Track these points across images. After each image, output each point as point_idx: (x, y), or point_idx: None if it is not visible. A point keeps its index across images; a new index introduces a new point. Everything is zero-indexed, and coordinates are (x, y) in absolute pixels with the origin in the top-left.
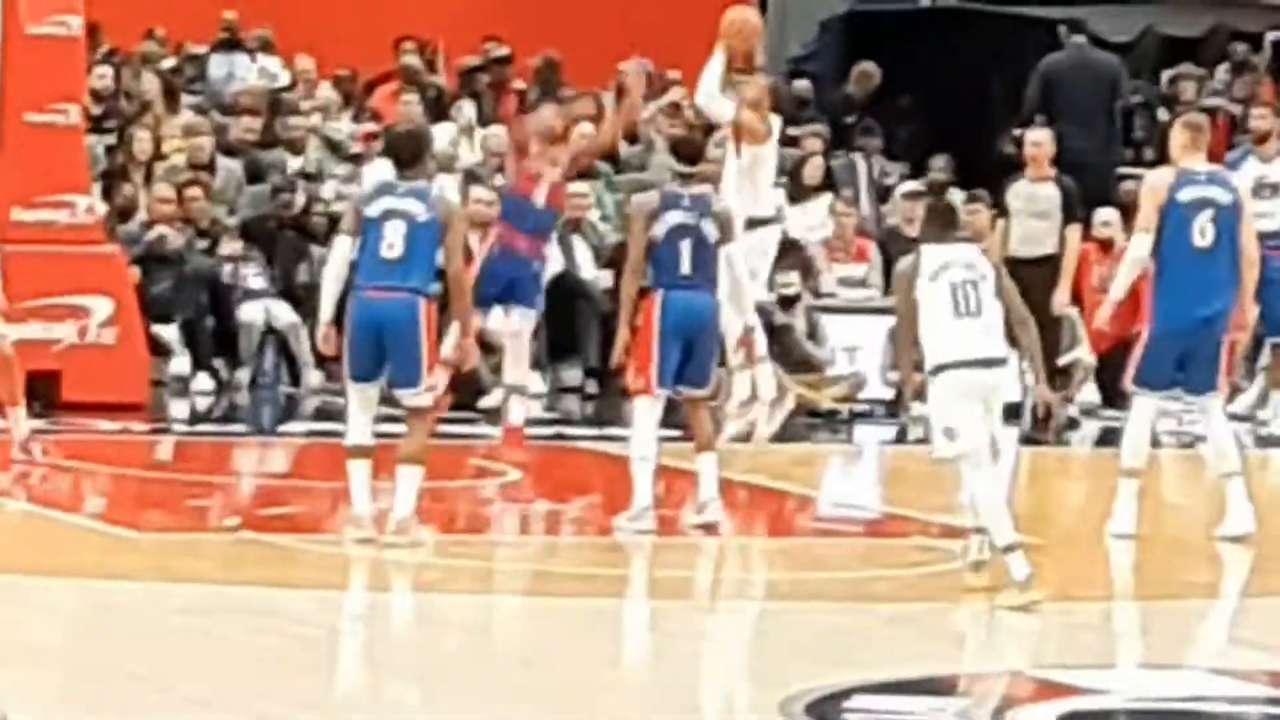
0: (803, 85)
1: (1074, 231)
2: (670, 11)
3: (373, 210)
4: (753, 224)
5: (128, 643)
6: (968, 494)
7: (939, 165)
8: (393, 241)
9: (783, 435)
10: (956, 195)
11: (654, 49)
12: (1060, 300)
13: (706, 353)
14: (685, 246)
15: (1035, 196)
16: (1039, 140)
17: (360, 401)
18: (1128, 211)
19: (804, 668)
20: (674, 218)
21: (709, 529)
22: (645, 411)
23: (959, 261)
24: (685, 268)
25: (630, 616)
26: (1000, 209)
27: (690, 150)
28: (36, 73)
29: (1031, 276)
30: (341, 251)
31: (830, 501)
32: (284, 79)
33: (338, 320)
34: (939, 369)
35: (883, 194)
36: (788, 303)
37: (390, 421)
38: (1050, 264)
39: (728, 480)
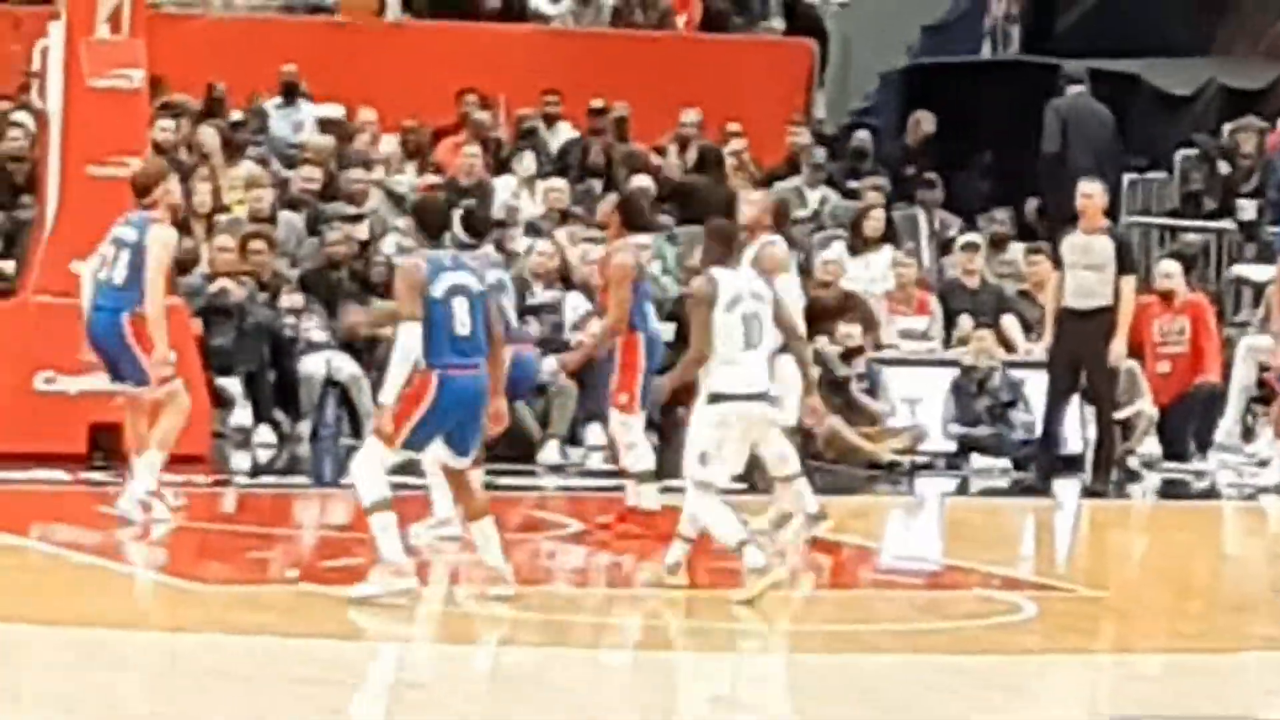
0: (863, 137)
1: (1128, 283)
2: (728, 63)
3: (437, 290)
4: None
5: (190, 695)
6: (690, 510)
7: (1000, 218)
8: (462, 319)
9: (844, 487)
10: (1018, 247)
11: (712, 100)
12: (1117, 351)
13: None
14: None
15: (1089, 248)
16: (1090, 192)
17: (387, 461)
18: (1189, 263)
19: (864, 717)
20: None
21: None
22: None
23: (747, 291)
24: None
25: (689, 668)
26: (1055, 261)
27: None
28: (98, 125)
29: (1086, 328)
30: (415, 339)
31: (890, 553)
32: (342, 122)
33: None
34: (719, 398)
35: (944, 246)
36: (849, 355)
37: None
38: (1105, 316)
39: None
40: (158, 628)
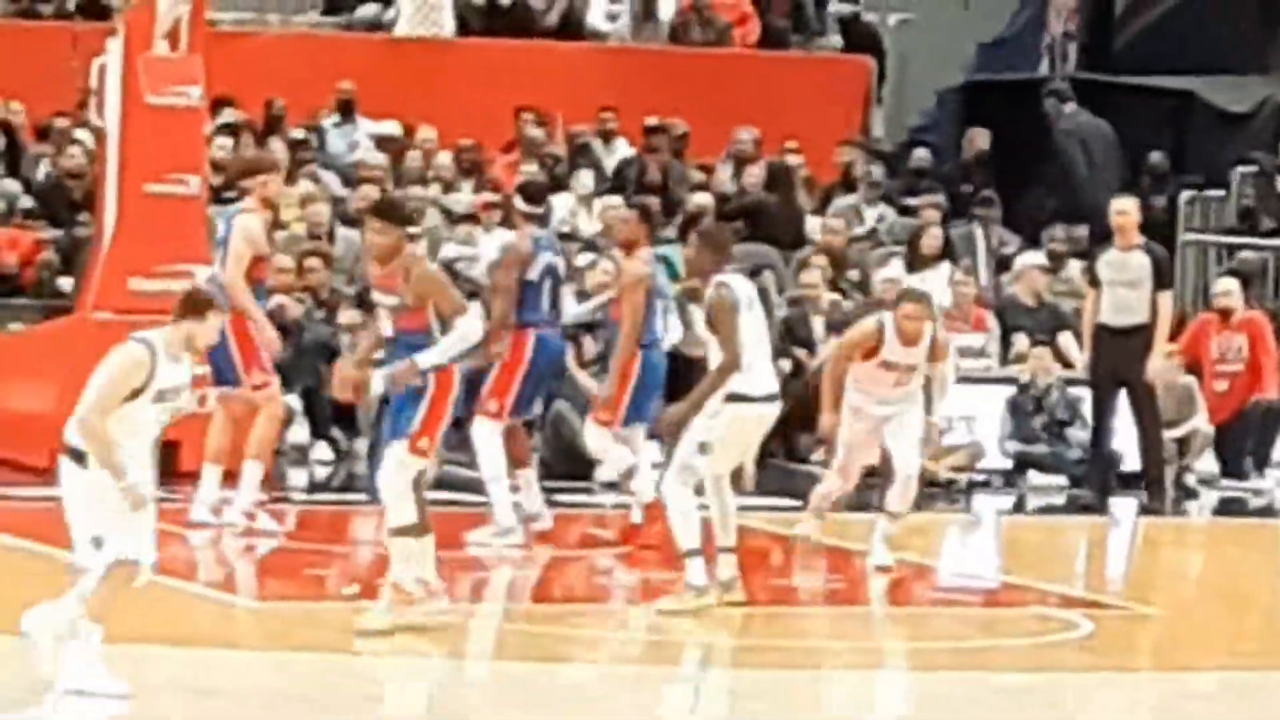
0: (920, 155)
1: (1165, 298)
2: (786, 81)
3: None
4: None
5: (247, 712)
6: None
7: (1057, 235)
8: (548, 296)
9: None
10: (1074, 265)
11: (770, 118)
12: (1155, 367)
13: None
14: None
15: (1125, 265)
16: (1125, 209)
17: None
18: (1247, 281)
19: None
20: None
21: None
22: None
23: (750, 293)
24: None
25: (747, 685)
26: (1093, 280)
27: None
28: (156, 143)
29: (1126, 346)
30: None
31: (947, 571)
32: (400, 139)
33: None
34: (738, 398)
35: (1001, 264)
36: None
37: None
38: (1144, 332)
39: (846, 550)
40: (215, 645)
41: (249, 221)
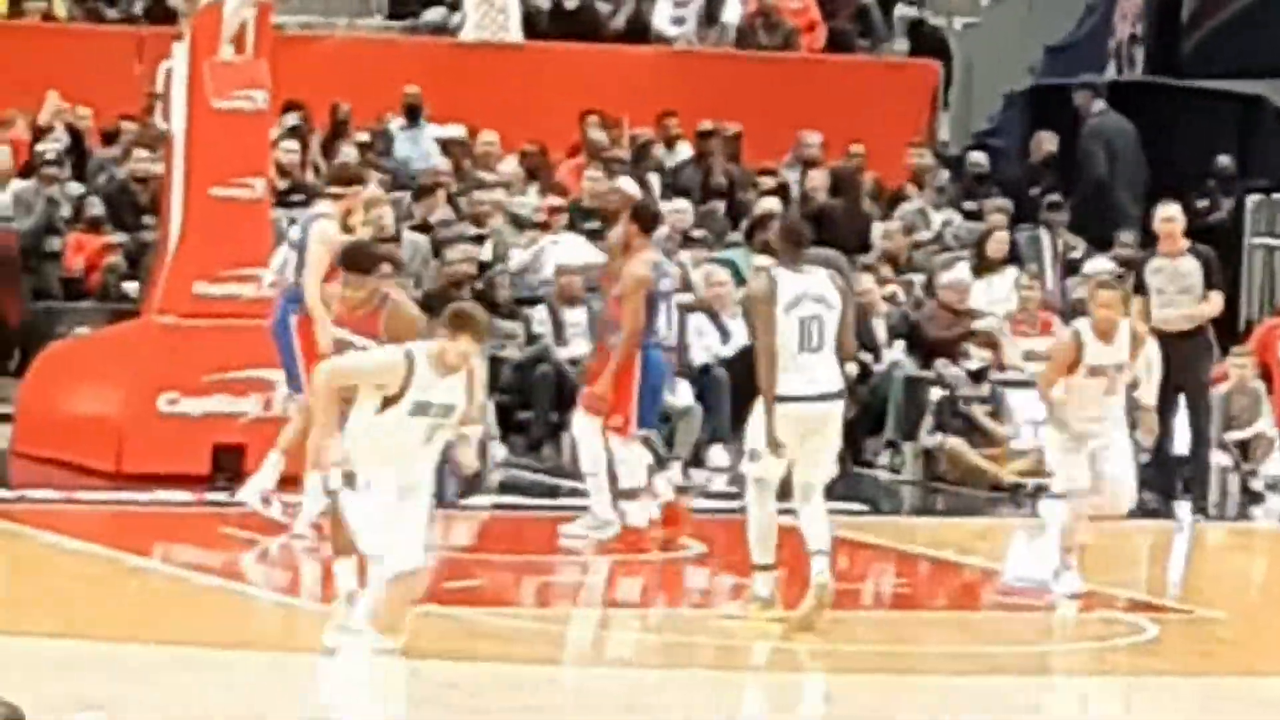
0: (981, 159)
1: (1216, 296)
2: (852, 84)
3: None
4: None
5: (312, 715)
6: (751, 513)
7: (1125, 239)
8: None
9: (966, 509)
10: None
11: (834, 122)
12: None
13: None
14: None
15: (1175, 272)
16: (1170, 215)
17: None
18: None
19: None
20: None
21: None
22: None
23: (811, 294)
24: None
25: (815, 689)
26: (1139, 287)
27: None
28: (221, 147)
29: (1180, 351)
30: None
31: (1012, 575)
32: (465, 142)
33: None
34: (777, 399)
35: (1069, 267)
36: (976, 376)
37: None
38: (1198, 337)
39: (910, 553)
40: (279, 649)
41: (327, 227)
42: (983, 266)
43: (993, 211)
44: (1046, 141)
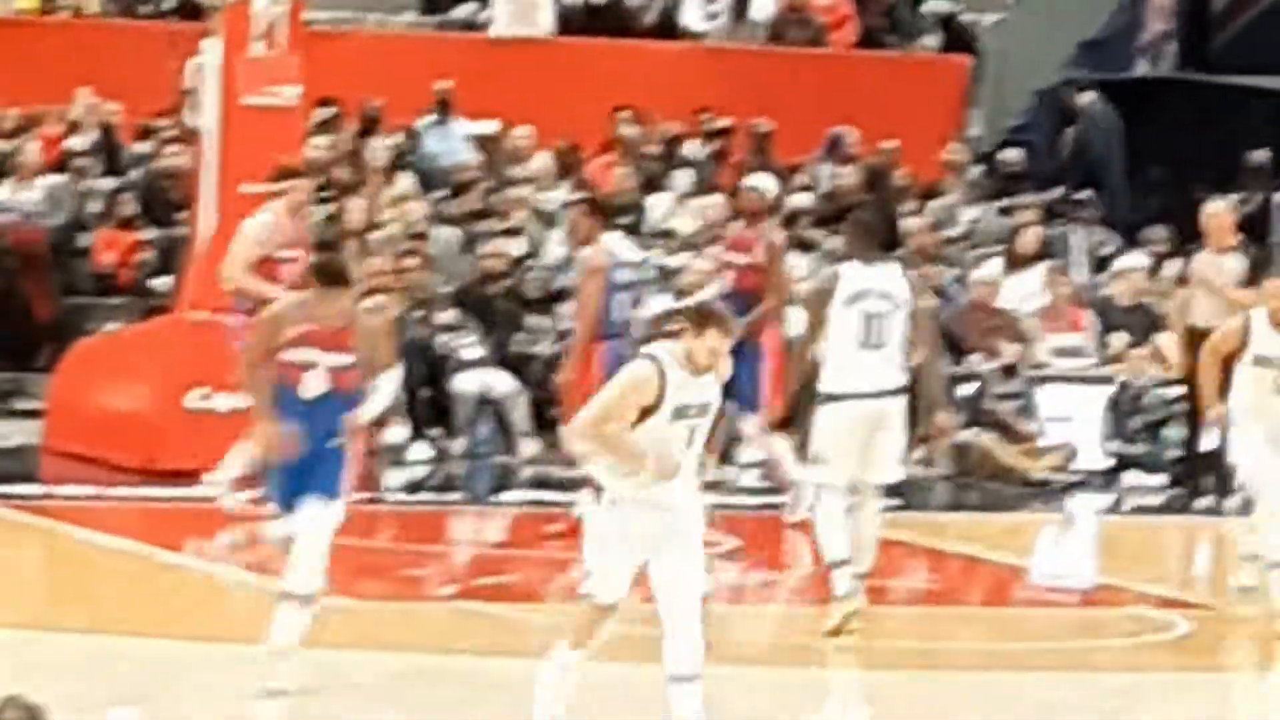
0: (1013, 155)
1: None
2: (883, 81)
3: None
4: None
5: (344, 712)
6: (820, 516)
7: (1157, 235)
8: None
9: (996, 505)
10: (1174, 265)
11: (865, 118)
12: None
13: None
14: None
15: (1221, 268)
16: (1215, 211)
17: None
18: None
19: None
20: None
21: None
22: None
23: (877, 290)
24: None
25: (845, 686)
26: (1183, 279)
27: None
28: (252, 143)
29: None
30: None
31: (1042, 571)
32: (496, 138)
33: None
34: (831, 398)
35: (1099, 263)
36: (1007, 372)
37: None
38: None
39: (940, 550)
40: (313, 645)
41: (263, 220)
42: (1013, 262)
43: (1024, 208)
44: (1071, 135)
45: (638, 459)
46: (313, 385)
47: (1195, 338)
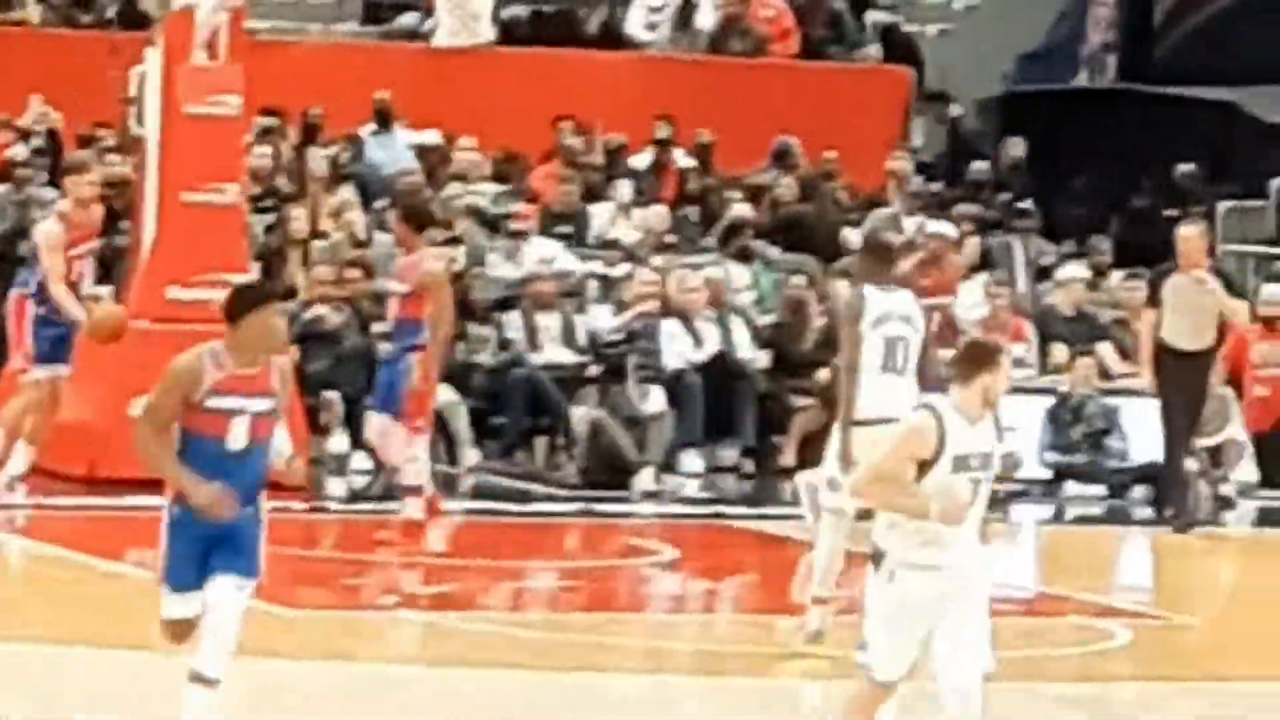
0: (958, 165)
1: (1241, 306)
2: (825, 91)
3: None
4: None
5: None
6: (822, 543)
7: (1101, 247)
8: None
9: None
10: (1116, 275)
11: (807, 128)
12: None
13: None
14: None
15: (1193, 290)
16: (1188, 235)
17: None
18: None
19: None
20: None
21: None
22: None
23: (897, 313)
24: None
25: (788, 695)
26: (1152, 299)
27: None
28: (194, 152)
29: (1194, 368)
30: None
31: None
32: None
33: None
34: (856, 423)
35: (1040, 273)
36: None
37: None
38: (1211, 355)
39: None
40: (254, 654)
41: (50, 229)
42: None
43: (963, 218)
44: (1016, 148)
45: (920, 506)
46: (240, 435)
47: (1168, 357)
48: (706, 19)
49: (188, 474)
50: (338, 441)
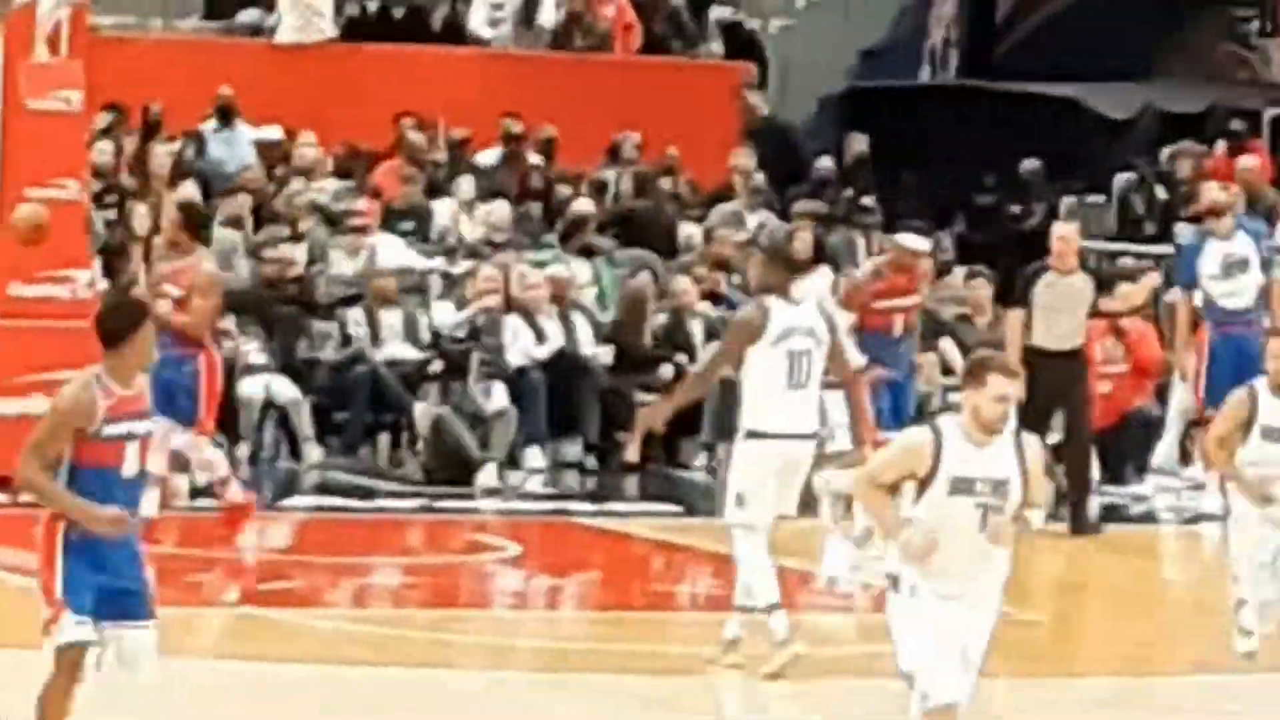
0: (800, 161)
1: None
2: (667, 86)
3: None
4: None
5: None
6: (741, 561)
7: (942, 244)
8: None
9: None
10: (959, 271)
11: (649, 124)
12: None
13: None
14: None
15: (1068, 290)
16: (1065, 234)
17: None
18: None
19: None
20: None
21: None
22: None
23: (802, 327)
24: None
25: (632, 691)
26: (1021, 299)
27: None
28: (37, 148)
29: (1064, 370)
30: None
31: (829, 576)
32: (280, 144)
33: None
34: (755, 435)
35: None
36: None
37: None
38: (1080, 355)
39: (725, 556)
40: None
41: None
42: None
43: (801, 213)
44: (858, 144)
45: (891, 529)
46: (133, 461)
47: (1043, 359)
48: (548, 16)
49: (82, 503)
50: (181, 439)
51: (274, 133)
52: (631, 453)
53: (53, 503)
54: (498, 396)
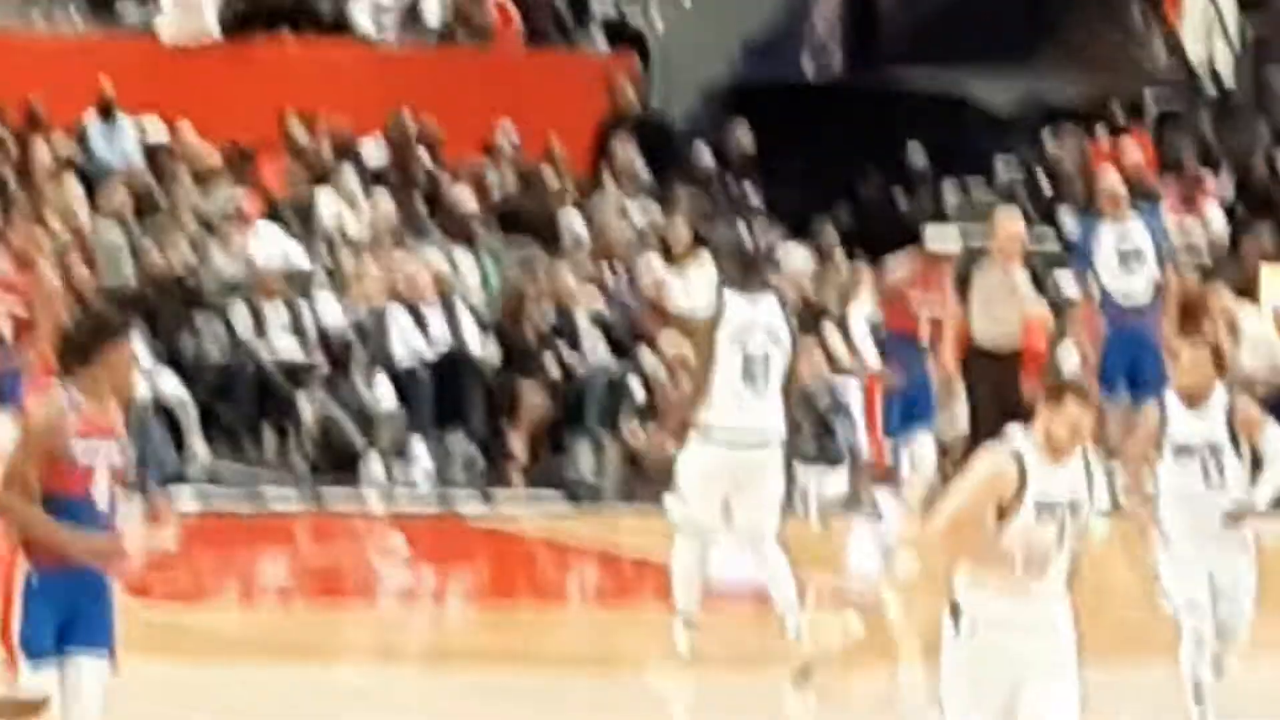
0: (681, 152)
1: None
2: (550, 79)
3: None
4: None
5: None
6: (676, 559)
7: (829, 237)
8: None
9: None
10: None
11: (531, 118)
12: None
13: None
14: None
15: (1010, 284)
16: (1011, 229)
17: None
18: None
19: None
20: None
21: None
22: None
23: (761, 324)
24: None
25: (517, 686)
26: (960, 293)
27: None
28: None
29: (1008, 368)
30: None
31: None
32: (164, 140)
33: None
34: (702, 431)
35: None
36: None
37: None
38: (1020, 356)
39: (609, 551)
40: None
41: None
42: (671, 259)
43: (679, 204)
44: (742, 137)
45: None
46: (104, 488)
47: (981, 358)
48: (433, 13)
49: (70, 533)
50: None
51: (156, 128)
52: (517, 446)
53: (41, 535)
54: (383, 391)
